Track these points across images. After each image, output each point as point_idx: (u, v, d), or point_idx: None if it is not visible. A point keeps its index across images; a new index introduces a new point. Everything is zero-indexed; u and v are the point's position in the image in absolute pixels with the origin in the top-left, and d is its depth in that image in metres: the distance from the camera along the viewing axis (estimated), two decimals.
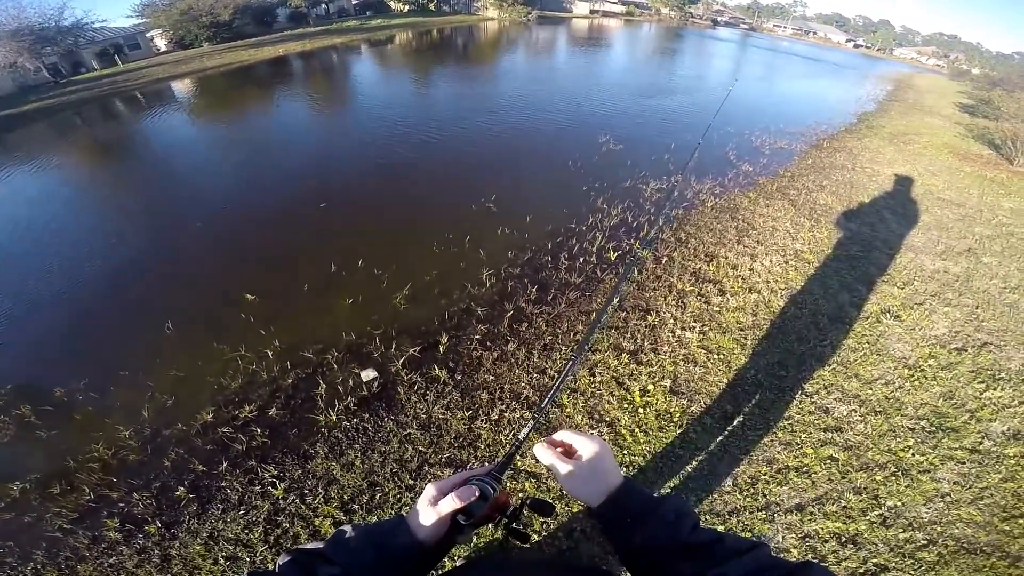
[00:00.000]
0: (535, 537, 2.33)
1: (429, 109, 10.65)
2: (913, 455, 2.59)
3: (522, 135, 8.65)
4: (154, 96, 15.45)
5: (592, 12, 49.27)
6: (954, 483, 2.44)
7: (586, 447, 0.72)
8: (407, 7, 40.25)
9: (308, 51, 22.72)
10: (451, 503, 0.67)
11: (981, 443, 2.67)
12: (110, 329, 4.14)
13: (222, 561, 2.33)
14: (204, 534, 2.47)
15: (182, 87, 17.31)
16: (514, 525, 0.77)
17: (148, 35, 28.81)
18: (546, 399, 1.08)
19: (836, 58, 34.90)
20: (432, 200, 6.08)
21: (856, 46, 61.60)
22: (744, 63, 24.80)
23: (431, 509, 0.67)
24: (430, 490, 0.71)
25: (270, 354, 3.50)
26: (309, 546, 0.68)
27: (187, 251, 5.21)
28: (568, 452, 0.76)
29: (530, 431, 0.90)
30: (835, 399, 2.91)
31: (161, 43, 29.17)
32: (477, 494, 0.69)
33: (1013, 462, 2.56)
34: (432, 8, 41.07)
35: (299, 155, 8.01)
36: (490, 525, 0.75)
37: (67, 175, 8.04)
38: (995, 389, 3.05)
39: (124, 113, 13.44)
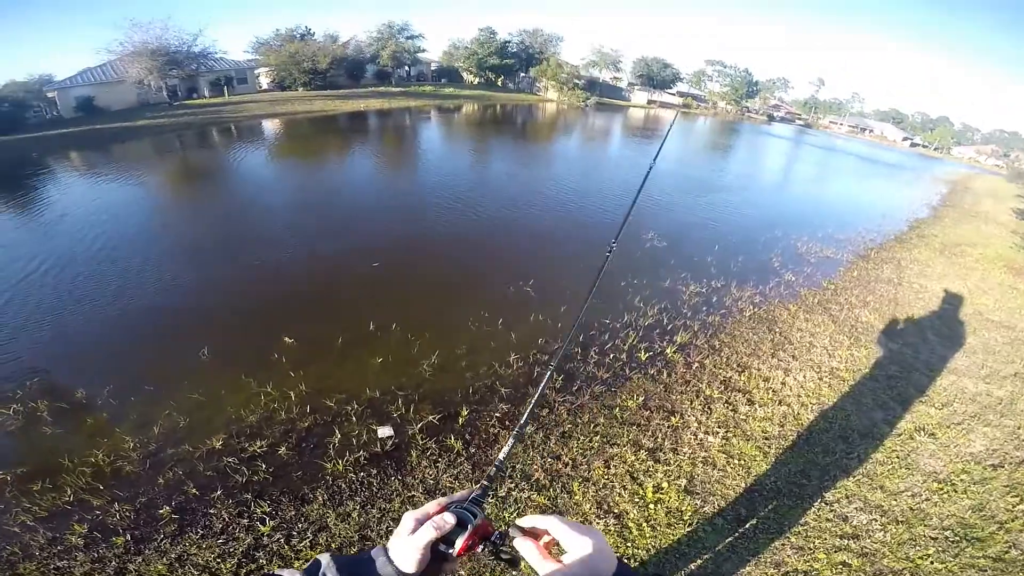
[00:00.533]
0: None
1: (484, 186, 12.12)
2: (932, 563, 2.90)
3: (567, 223, 9.75)
4: (247, 131, 18.65)
5: (649, 102, 53.53)
6: None
7: (577, 546, 0.73)
8: (477, 80, 46.96)
9: (386, 109, 26.96)
10: (428, 532, 0.74)
11: (1007, 552, 2.98)
12: (150, 344, 4.96)
13: None
14: (172, 555, 2.75)
15: (271, 126, 20.87)
16: (501, 552, 0.82)
17: (256, 72, 34.84)
18: (524, 414, 1.15)
19: (892, 158, 36.56)
20: (474, 276, 7.04)
21: (913, 145, 64.66)
22: (797, 161, 26.47)
23: (410, 539, 0.74)
24: (407, 520, 0.77)
25: (293, 396, 4.10)
26: (286, 573, 0.74)
27: (240, 284, 6.25)
28: (550, 543, 0.80)
29: (509, 451, 1.03)
30: (856, 508, 3.28)
31: (264, 81, 35.36)
32: (453, 522, 0.77)
33: None
34: (499, 84, 48.17)
35: (361, 210, 9.43)
36: (480, 551, 0.81)
37: (153, 191, 9.70)
38: None
39: (217, 143, 16.26)
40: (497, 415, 4.10)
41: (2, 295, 5.88)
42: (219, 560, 2.75)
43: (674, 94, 58.93)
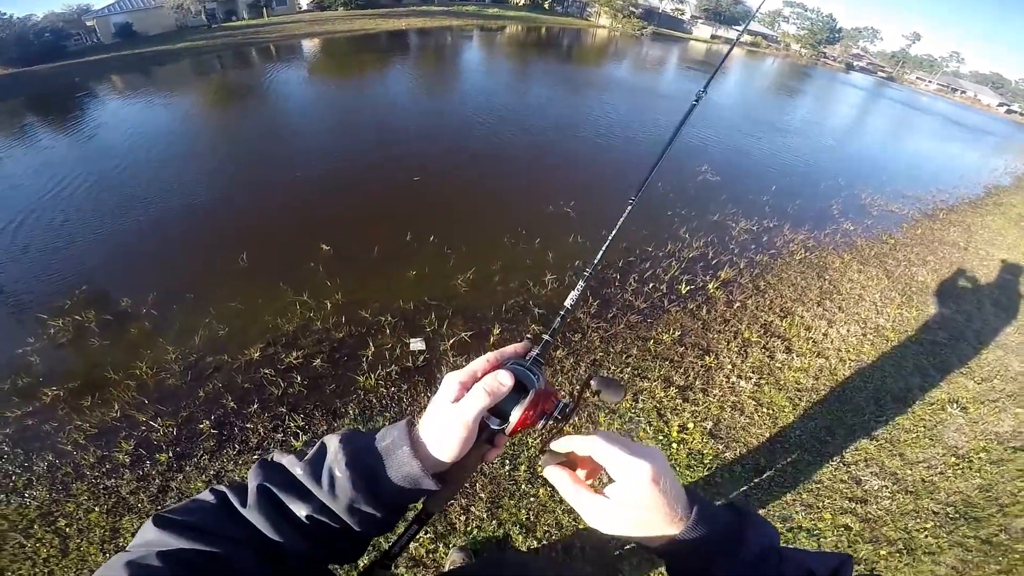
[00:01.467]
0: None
1: (526, 108, 11.49)
2: (926, 536, 2.92)
3: (615, 150, 9.31)
4: (286, 50, 18.37)
5: (713, 37, 49.27)
6: (952, 567, 2.76)
7: (628, 471, 0.57)
8: (523, 1, 44.07)
9: (427, 28, 26.11)
10: (478, 399, 0.57)
11: (997, 535, 2.96)
12: (191, 253, 5.03)
13: None
14: (211, 472, 2.77)
15: (311, 46, 20.53)
16: (564, 422, 0.66)
17: None
18: (598, 255, 0.91)
19: (981, 122, 33.29)
20: (513, 194, 6.86)
21: (1009, 111, 58.11)
22: (871, 113, 24.39)
23: (452, 411, 0.58)
24: (451, 384, 0.60)
25: (328, 305, 4.15)
26: (285, 462, 0.61)
27: (280, 196, 6.23)
28: (593, 471, 0.65)
29: (578, 298, 0.84)
30: (871, 472, 3.26)
31: (304, 1, 34.55)
32: (511, 384, 0.59)
33: (1017, 556, 2.85)
34: (546, 7, 44.92)
35: (401, 125, 9.19)
36: (540, 427, 0.64)
37: (195, 110, 9.64)
38: None
39: (256, 62, 15.94)
40: (529, 336, 4.06)
41: (55, 209, 5.98)
42: None
43: (741, 30, 52.78)
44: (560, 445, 0.65)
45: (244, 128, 8.87)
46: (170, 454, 2.91)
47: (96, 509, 2.63)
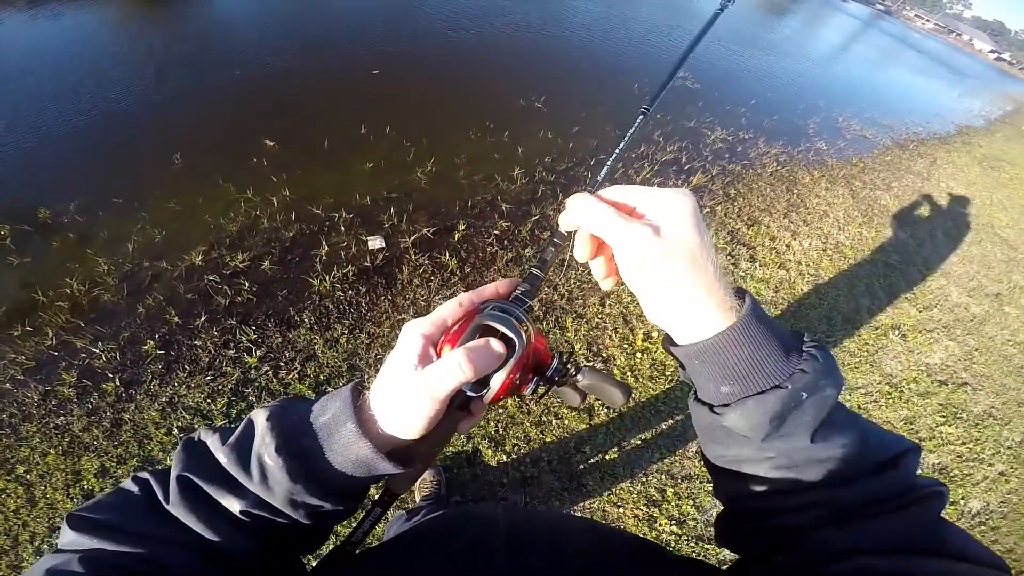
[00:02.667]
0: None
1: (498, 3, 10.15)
2: None
3: (594, 48, 8.51)
4: None
5: None
6: None
7: (665, 196, 0.46)
8: None
9: None
10: (455, 371, 0.43)
11: None
12: (116, 154, 4.15)
13: (176, 432, 2.38)
14: (163, 399, 2.50)
15: None
16: (563, 389, 0.56)
17: None
18: (617, 149, 0.65)
19: (966, 63, 33.03)
20: (481, 85, 6.14)
21: (998, 59, 58.24)
22: (861, 43, 23.37)
23: (417, 381, 0.44)
24: (412, 339, 0.47)
25: (275, 202, 3.60)
26: (209, 443, 0.48)
27: (216, 92, 5.24)
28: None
29: (551, 264, 0.60)
30: None
31: None
32: (503, 352, 0.46)
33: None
34: None
35: (357, 19, 7.79)
36: (527, 392, 0.53)
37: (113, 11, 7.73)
38: (950, 426, 3.45)
39: None
40: (496, 232, 3.74)
41: None
42: (209, 400, 2.51)
43: None
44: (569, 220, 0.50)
45: (174, 26, 7.31)
46: (117, 382, 2.54)
47: (52, 452, 2.32)
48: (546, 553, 0.56)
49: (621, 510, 2.50)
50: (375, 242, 3.44)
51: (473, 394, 0.47)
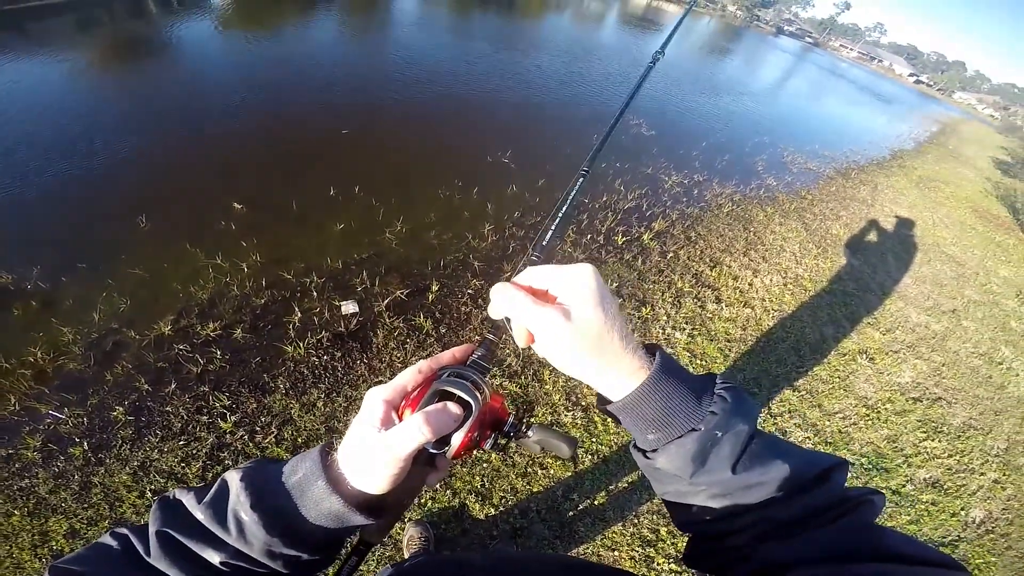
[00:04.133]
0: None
1: (462, 62, 10.46)
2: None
3: (552, 105, 8.75)
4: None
5: None
6: None
7: (569, 273, 0.49)
8: None
9: None
10: (416, 435, 0.46)
11: (904, 486, 3.08)
12: (80, 218, 4.04)
13: (149, 495, 2.32)
14: (135, 463, 2.41)
15: None
16: (519, 445, 0.59)
17: None
18: (560, 213, 0.70)
19: (891, 90, 35.23)
20: (448, 145, 6.21)
21: (917, 82, 62.76)
22: (795, 77, 25.00)
23: (380, 442, 0.46)
24: (375, 405, 0.49)
25: (246, 267, 3.53)
26: (185, 501, 0.49)
27: (182, 154, 5.20)
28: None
29: (494, 350, 0.60)
30: (794, 424, 3.27)
31: None
32: (461, 413, 0.49)
33: (923, 507, 2.99)
34: None
35: (323, 81, 7.95)
36: (487, 447, 0.56)
37: (81, 68, 7.73)
38: (933, 440, 3.50)
39: (154, 13, 12.97)
40: (470, 291, 3.72)
41: None
42: (183, 464, 2.44)
43: None
44: (496, 310, 0.53)
45: (142, 85, 7.30)
46: (85, 446, 2.46)
47: (16, 512, 2.23)
48: None
49: (616, 553, 2.42)
50: (348, 307, 3.37)
51: (435, 451, 0.50)
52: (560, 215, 0.69)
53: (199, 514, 0.48)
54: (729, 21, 50.46)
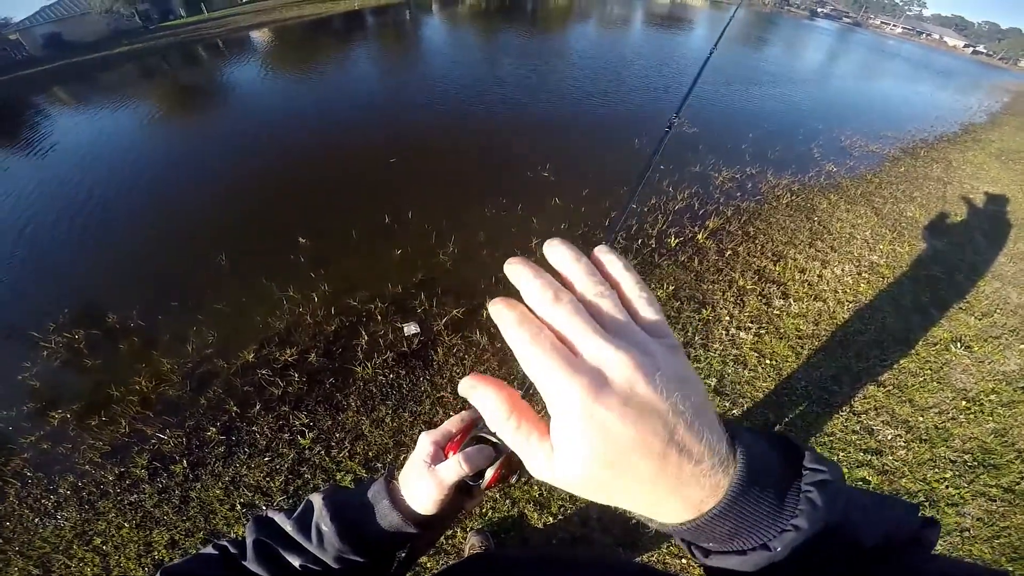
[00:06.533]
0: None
1: (496, 77, 10.75)
2: (947, 487, 2.63)
3: (588, 112, 8.71)
4: (234, 44, 16.69)
5: None
6: (978, 519, 2.49)
7: (557, 396, 0.30)
8: None
9: (383, 5, 24.15)
10: (455, 470, 0.56)
11: (1019, 483, 2.69)
12: (167, 261, 4.63)
13: (239, 507, 2.51)
14: (226, 478, 2.67)
15: (261, 36, 18.76)
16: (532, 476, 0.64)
17: None
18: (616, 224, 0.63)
19: (949, 63, 32.67)
20: (489, 163, 6.35)
21: (975, 53, 57.50)
22: (841, 59, 23.56)
23: (429, 475, 0.57)
24: (425, 446, 0.61)
25: (316, 297, 3.83)
26: (277, 519, 0.62)
27: (249, 193, 5.72)
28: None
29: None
30: (883, 421, 2.95)
31: None
32: (491, 454, 0.59)
33: None
34: None
35: (365, 111, 8.47)
36: (513, 481, 0.66)
37: (147, 114, 8.69)
38: None
39: (205, 60, 14.42)
40: (524, 305, 3.70)
41: (21, 232, 5.38)
42: (268, 479, 2.65)
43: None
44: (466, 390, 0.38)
45: (203, 129, 8.05)
46: (184, 464, 2.78)
47: (126, 525, 2.53)
48: None
49: (683, 560, 2.29)
50: (410, 328, 3.55)
51: (472, 483, 0.60)
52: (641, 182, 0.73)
53: (288, 527, 0.60)
54: (758, 8, 48.66)
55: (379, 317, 3.67)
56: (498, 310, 0.36)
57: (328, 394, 3.11)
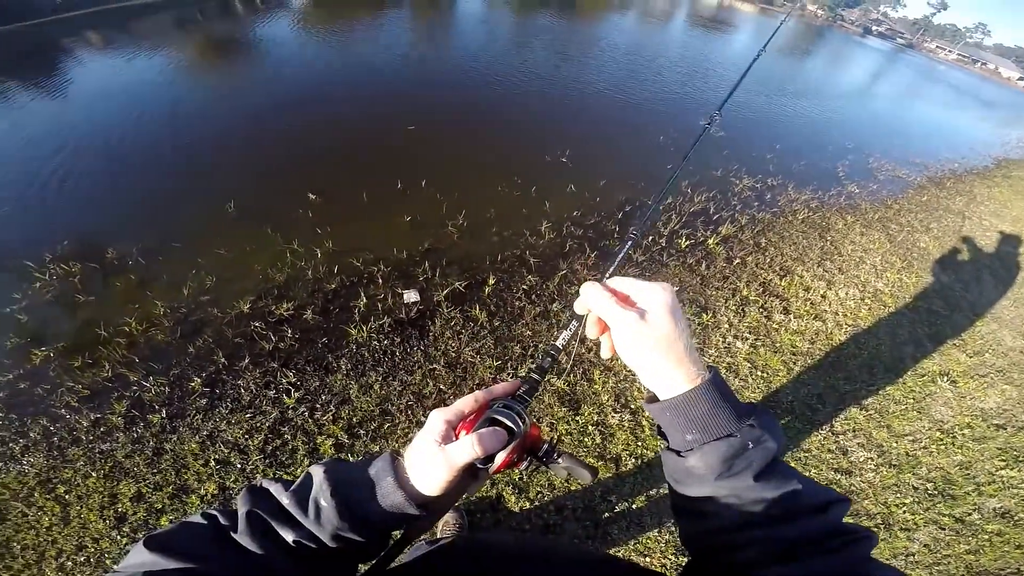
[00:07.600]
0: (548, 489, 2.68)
1: (526, 57, 10.60)
2: (904, 512, 2.75)
3: (618, 104, 8.63)
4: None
5: None
6: (924, 545, 2.62)
7: (651, 288, 0.59)
8: None
9: None
10: (468, 450, 0.55)
11: (970, 515, 2.81)
12: (178, 200, 4.55)
13: (213, 463, 2.45)
14: (204, 432, 2.60)
15: None
16: (550, 468, 0.68)
17: None
18: (611, 267, 0.75)
19: (995, 94, 31.74)
20: (508, 142, 6.32)
21: None
22: (886, 80, 23.05)
23: (439, 454, 0.56)
24: (436, 424, 0.59)
25: (319, 253, 3.80)
26: (272, 489, 0.58)
27: (265, 145, 5.68)
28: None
29: (573, 337, 0.72)
30: (858, 443, 3.05)
31: None
32: (505, 439, 0.59)
33: (986, 537, 2.71)
34: None
35: (391, 78, 8.35)
36: (522, 467, 0.67)
37: (176, 62, 8.61)
38: (1011, 469, 3.13)
39: (241, 12, 14.16)
40: (524, 287, 3.75)
41: (42, 161, 5.15)
42: (247, 436, 2.61)
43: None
44: (582, 305, 0.65)
45: (230, 80, 7.98)
46: (163, 415, 2.69)
47: (93, 474, 2.43)
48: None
49: (648, 559, 2.36)
50: (410, 295, 3.55)
51: (481, 466, 0.59)
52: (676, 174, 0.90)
53: (284, 499, 0.57)
54: (809, 20, 47.30)
55: (380, 281, 3.66)
56: (590, 284, 0.63)
57: (319, 354, 3.08)
